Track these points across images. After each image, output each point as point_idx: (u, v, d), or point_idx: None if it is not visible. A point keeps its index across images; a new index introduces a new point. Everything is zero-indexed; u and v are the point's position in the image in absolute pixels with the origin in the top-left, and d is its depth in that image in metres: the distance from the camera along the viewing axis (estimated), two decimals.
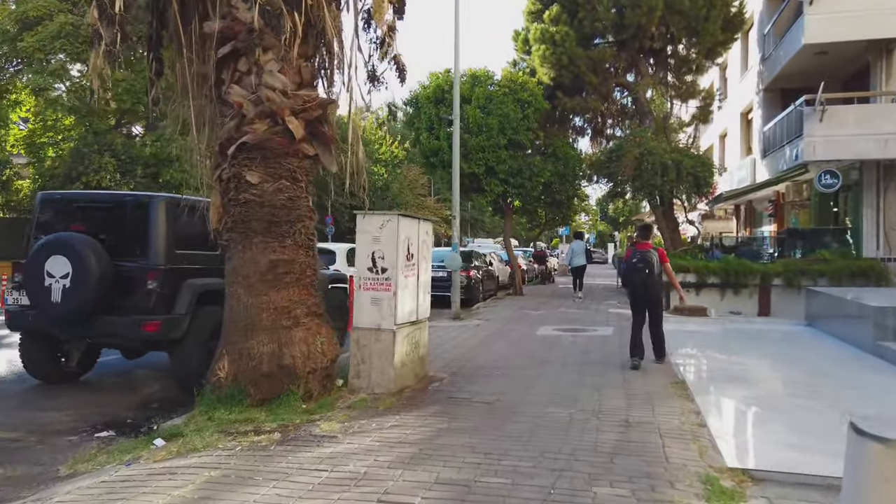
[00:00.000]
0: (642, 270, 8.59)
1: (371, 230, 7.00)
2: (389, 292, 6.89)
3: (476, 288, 18.60)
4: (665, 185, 19.25)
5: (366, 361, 6.92)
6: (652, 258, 8.65)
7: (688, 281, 15.96)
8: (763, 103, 22.70)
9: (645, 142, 19.31)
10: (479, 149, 18.15)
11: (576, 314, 15.35)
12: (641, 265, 8.60)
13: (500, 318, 14.50)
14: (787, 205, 23.88)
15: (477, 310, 16.52)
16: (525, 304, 18.05)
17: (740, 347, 10.47)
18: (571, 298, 19.78)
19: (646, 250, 8.74)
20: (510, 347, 10.17)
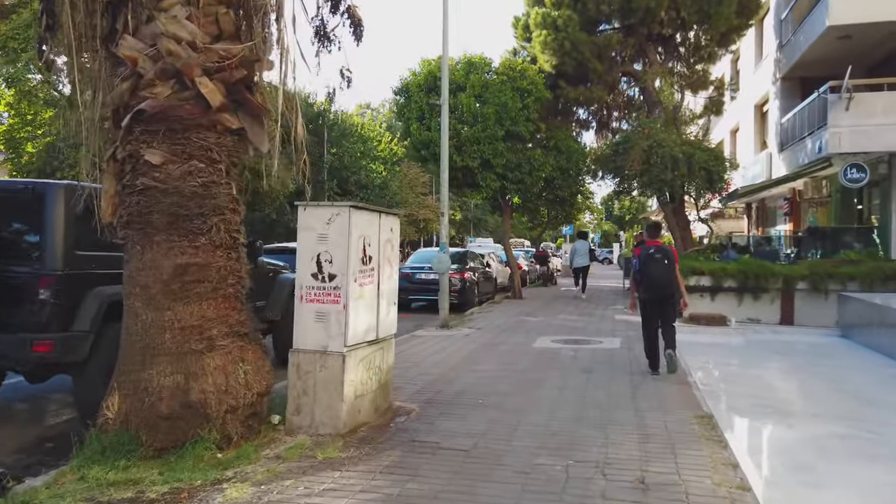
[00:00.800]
0: (661, 262, 7.87)
1: (316, 226, 5.48)
2: (338, 305, 5.37)
3: (471, 291, 17.07)
4: (675, 181, 17.68)
5: (308, 393, 5.41)
6: (669, 252, 8.11)
7: (702, 285, 14.42)
8: (780, 93, 21.09)
9: (654, 133, 17.75)
10: (474, 140, 16.61)
11: (578, 322, 13.80)
12: (660, 256, 7.91)
13: (494, 326, 12.96)
14: (803, 202, 22.27)
15: (470, 316, 14.99)
16: (523, 309, 16.50)
17: (770, 365, 8.91)
18: (574, 303, 18.25)
19: (660, 246, 8.15)
20: (501, 365, 8.63)
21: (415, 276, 16.75)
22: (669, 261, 7.97)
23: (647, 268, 7.97)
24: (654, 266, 7.91)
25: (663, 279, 7.94)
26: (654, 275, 7.91)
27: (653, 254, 7.98)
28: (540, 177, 18.08)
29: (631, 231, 53.20)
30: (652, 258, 7.95)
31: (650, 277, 7.95)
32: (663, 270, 7.91)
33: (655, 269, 7.90)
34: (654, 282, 7.96)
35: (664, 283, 7.97)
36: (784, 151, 20.43)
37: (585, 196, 24.77)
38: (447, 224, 12.57)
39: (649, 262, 7.96)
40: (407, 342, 10.61)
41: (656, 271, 7.90)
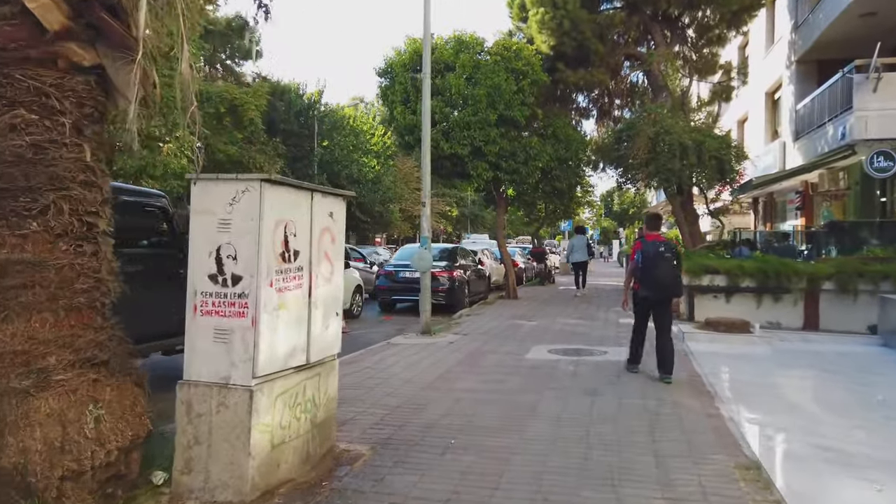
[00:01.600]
0: (671, 261, 7.16)
1: (214, 208, 3.90)
2: (244, 319, 3.79)
3: (460, 291, 15.48)
4: (684, 170, 16.07)
5: (202, 443, 3.82)
6: (676, 249, 7.43)
7: (717, 285, 12.86)
8: (796, 77, 19.50)
9: (661, 119, 16.14)
10: (464, 125, 15.00)
11: (579, 326, 12.22)
12: (670, 255, 7.18)
13: (484, 331, 11.38)
14: (817, 196, 20.70)
15: (458, 319, 13.40)
16: (518, 310, 14.91)
17: (812, 384, 7.35)
18: (573, 304, 16.67)
19: (662, 241, 7.44)
20: (485, 384, 7.04)
21: (399, 274, 15.17)
22: (678, 261, 7.31)
23: (655, 267, 7.17)
24: (664, 265, 7.14)
25: (672, 280, 7.23)
26: (663, 275, 7.16)
27: (662, 252, 7.18)
28: (536, 167, 16.48)
29: (631, 228, 51.58)
30: (661, 256, 7.15)
31: (657, 277, 7.18)
32: (673, 270, 7.20)
33: (665, 268, 7.15)
34: (662, 282, 7.19)
35: (672, 283, 7.27)
36: (800, 140, 18.86)
37: (585, 189, 23.17)
38: (429, 216, 10.98)
39: (658, 260, 7.14)
40: (378, 353, 9.02)
41: (665, 271, 7.15)
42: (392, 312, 15.60)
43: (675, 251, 7.36)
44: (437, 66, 15.54)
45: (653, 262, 7.17)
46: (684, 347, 9.39)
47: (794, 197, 22.24)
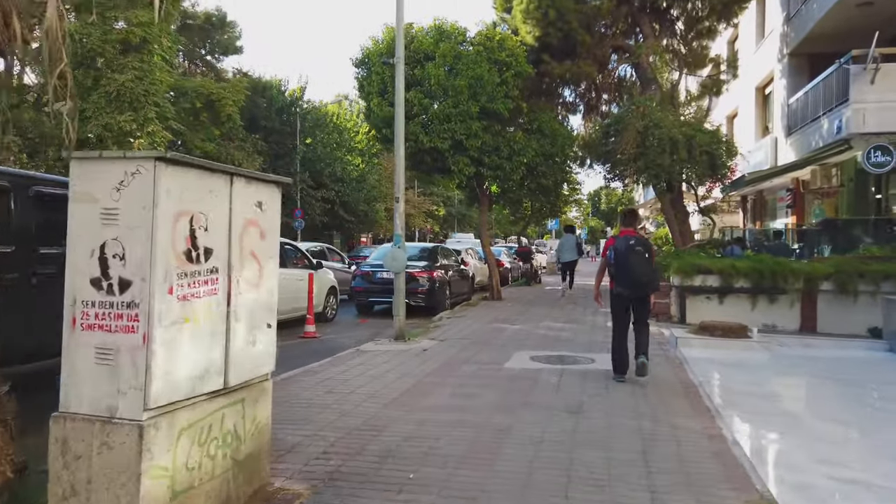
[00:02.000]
0: (642, 255, 6.99)
1: (98, 194, 3.08)
2: (134, 335, 2.97)
3: (441, 292, 14.68)
4: (674, 166, 15.36)
5: (79, 493, 3.00)
6: (649, 244, 7.26)
7: (709, 285, 12.15)
8: (788, 71, 18.86)
9: (650, 112, 15.42)
10: (444, 118, 14.20)
11: (564, 330, 11.46)
12: (642, 248, 7.03)
13: (463, 336, 10.58)
14: (808, 193, 20.09)
15: (437, 322, 12.61)
16: (501, 312, 14.13)
17: (822, 397, 6.63)
18: (559, 305, 15.93)
19: (638, 236, 7.27)
20: (457, 399, 6.24)
21: (376, 274, 14.34)
22: (650, 254, 7.12)
23: (628, 261, 6.98)
24: (636, 259, 6.95)
25: (646, 275, 7.04)
26: (636, 269, 6.96)
27: (633, 245, 7.01)
28: (521, 162, 15.72)
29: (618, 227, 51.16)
30: (632, 250, 6.98)
31: (630, 272, 6.99)
32: (646, 265, 7.01)
33: (637, 262, 6.95)
34: (636, 278, 6.99)
35: (647, 279, 7.07)
36: (793, 135, 18.21)
37: (572, 186, 22.43)
38: (402, 212, 10.15)
39: (630, 254, 6.98)
40: (344, 362, 8.19)
41: (638, 265, 6.95)
42: (369, 315, 14.78)
43: (646, 244, 7.16)
44: (417, 55, 14.75)
45: (625, 256, 6.99)
46: (678, 354, 8.65)
47: (785, 195, 21.64)
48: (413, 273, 14.15)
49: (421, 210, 53.54)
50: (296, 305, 11.90)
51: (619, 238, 7.30)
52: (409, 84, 14.60)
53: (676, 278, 12.33)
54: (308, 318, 11.42)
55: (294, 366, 7.88)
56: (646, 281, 7.07)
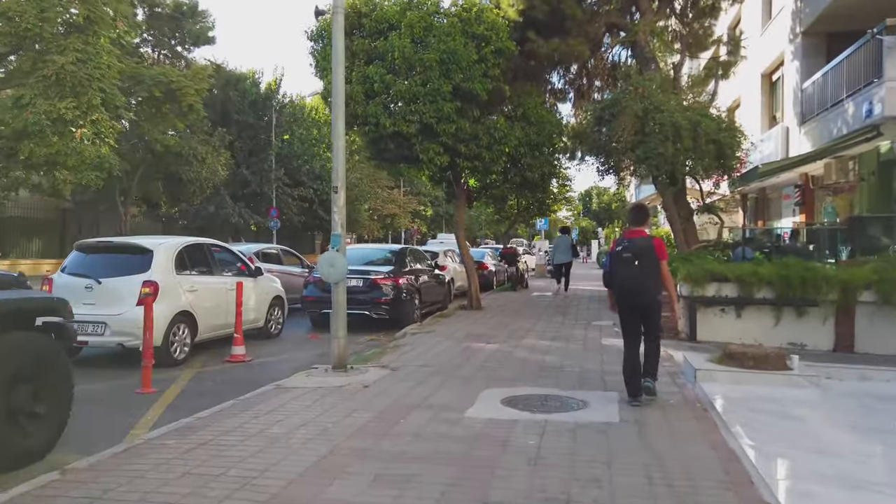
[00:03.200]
0: (630, 263, 6.00)
1: None
2: None
3: (408, 303, 12.45)
4: (678, 156, 13.19)
5: None
6: (645, 247, 6.03)
7: (724, 296, 10.04)
8: (802, 52, 16.76)
9: (650, 94, 13.26)
10: (410, 97, 11.99)
11: (550, 350, 9.27)
12: (629, 255, 6.02)
13: (423, 362, 8.37)
14: (819, 190, 18.02)
15: (399, 340, 10.41)
16: (478, 325, 11.94)
17: None
18: (546, 315, 13.75)
19: (637, 237, 6.16)
20: (381, 488, 4.02)
21: None
22: (646, 259, 5.98)
23: (615, 273, 6.19)
24: (623, 270, 6.07)
25: (635, 285, 6.02)
26: (624, 280, 6.09)
27: (620, 252, 6.13)
28: (503, 151, 13.54)
29: (611, 227, 48.91)
30: (619, 258, 6.12)
31: (619, 282, 6.16)
32: (635, 273, 5.99)
33: (625, 273, 6.05)
34: (625, 288, 6.12)
35: (636, 288, 6.04)
36: (808, 123, 16.12)
37: (562, 182, 20.26)
38: (343, 206, 7.89)
39: (616, 264, 6.16)
40: (249, 408, 5.96)
41: (626, 276, 6.05)
42: (325, 329, 12.54)
43: (639, 249, 6.03)
44: (380, 25, 12.56)
45: (612, 265, 6.24)
46: (699, 394, 6.48)
47: (793, 192, 19.56)
48: (375, 280, 11.95)
49: (407, 210, 51.30)
50: (228, 321, 9.74)
51: (619, 239, 6.44)
52: (370, 58, 12.43)
53: (685, 287, 10.18)
54: (235, 336, 9.19)
55: (185, 410, 5.72)
56: (633, 290, 6.03)
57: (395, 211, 47.33)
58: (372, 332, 12.06)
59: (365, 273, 12.02)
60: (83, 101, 18.92)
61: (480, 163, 13.47)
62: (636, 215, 6.58)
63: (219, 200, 32.07)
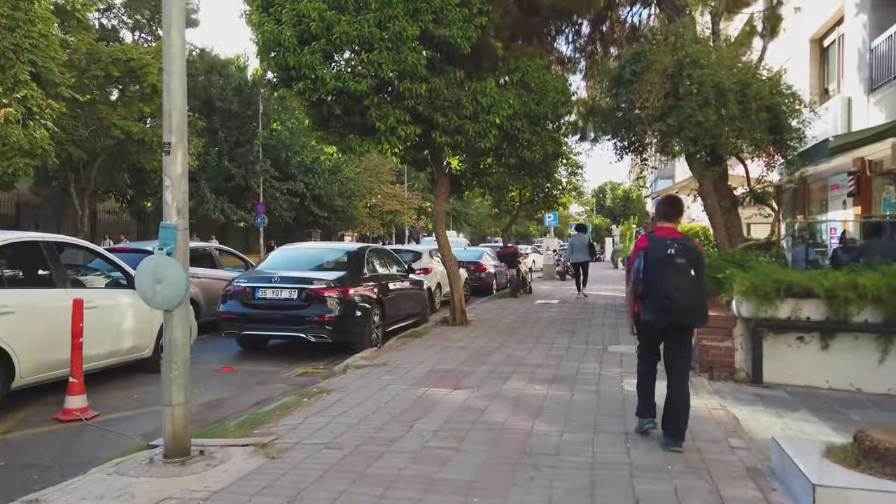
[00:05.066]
0: (685, 272, 4.48)
1: None
2: None
3: (362, 319, 9.18)
4: (721, 126, 9.86)
5: None
6: (699, 253, 4.62)
7: (804, 318, 6.77)
8: (871, 3, 13.27)
9: (684, 44, 9.94)
10: (361, 43, 8.75)
11: (546, 406, 5.98)
12: (684, 262, 4.49)
13: (331, 438, 5.11)
14: (879, 177, 14.55)
15: (331, 380, 7.20)
16: (451, 355, 8.67)
17: None
18: (548, 334, 10.45)
19: (684, 238, 4.73)
20: None
21: (257, 292, 8.87)
22: (699, 267, 4.52)
23: (666, 278, 4.47)
24: (678, 278, 4.45)
25: (689, 302, 4.48)
26: (674, 292, 4.45)
27: (673, 255, 4.48)
28: (492, 123, 10.25)
29: (627, 223, 45.28)
30: (671, 263, 4.47)
31: (666, 294, 4.48)
32: (690, 286, 4.46)
33: (676, 281, 4.45)
34: (674, 303, 4.47)
35: (690, 306, 4.50)
36: (881, 90, 12.66)
37: (571, 169, 16.96)
38: (181, 176, 4.59)
39: (667, 268, 4.48)
40: None
41: (678, 286, 4.45)
42: (249, 355, 9.37)
43: (692, 253, 4.55)
44: None
45: (660, 271, 4.52)
46: None
47: (846, 180, 16.05)
48: (315, 291, 8.72)
49: (410, 206, 48.09)
50: (103, 350, 6.74)
51: (653, 239, 4.77)
52: None
53: (747, 306, 6.87)
54: (71, 381, 6.01)
55: None
56: (686, 306, 4.49)
57: (396, 207, 44.12)
58: (314, 358, 8.88)
59: (302, 281, 8.80)
60: (7, 76, 15.90)
61: (463, 137, 10.20)
62: (669, 208, 4.98)
63: (199, 194, 29.05)
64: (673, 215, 4.91)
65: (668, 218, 4.89)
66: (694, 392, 6.42)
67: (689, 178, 16.52)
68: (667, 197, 5.36)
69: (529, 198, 18.10)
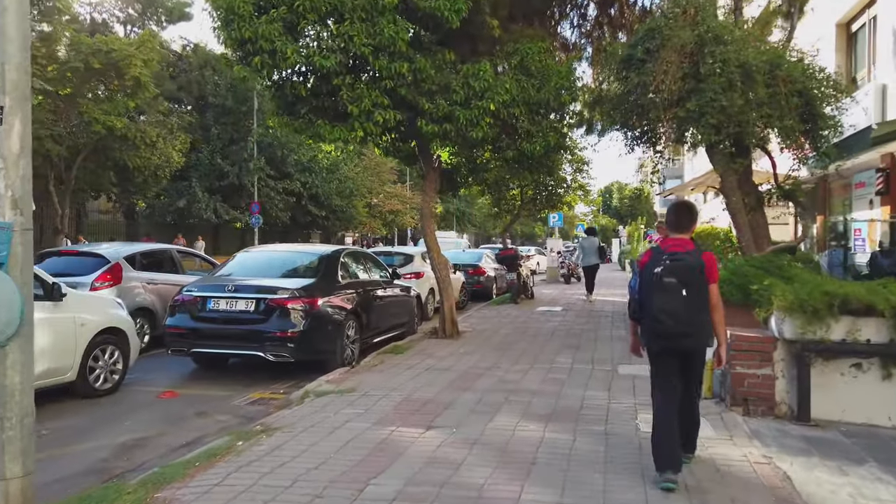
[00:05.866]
0: (675, 291, 4.02)
1: None
2: None
3: (331, 336, 7.87)
4: (747, 112, 8.54)
5: None
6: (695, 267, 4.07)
7: (862, 339, 5.41)
8: None
9: (705, 18, 8.61)
10: (329, 11, 7.46)
11: (537, 461, 4.66)
12: (673, 281, 4.03)
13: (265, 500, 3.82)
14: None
15: (284, 412, 5.91)
16: (433, 379, 7.36)
17: None
18: (548, 349, 9.13)
19: (682, 252, 4.13)
20: None
21: (207, 303, 7.59)
22: (696, 285, 4.03)
23: (651, 299, 4.09)
24: (663, 297, 4.02)
25: (679, 324, 4.00)
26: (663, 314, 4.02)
27: (660, 275, 4.03)
28: (486, 110, 8.95)
29: (635, 224, 43.81)
30: (657, 282, 4.05)
31: (655, 318, 4.06)
32: (680, 306, 3.98)
33: (664, 302, 4.02)
34: (663, 327, 4.04)
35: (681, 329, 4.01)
36: None
37: (576, 165, 15.62)
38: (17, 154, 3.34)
39: (652, 287, 4.09)
40: None
41: (666, 307, 4.01)
42: (209, 373, 8.11)
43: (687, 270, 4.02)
44: None
45: (648, 291, 4.15)
46: None
47: (874, 177, 14.66)
48: (276, 302, 7.43)
49: (411, 206, 46.76)
50: None
51: (655, 252, 4.28)
52: None
53: (789, 323, 5.54)
54: None
55: None
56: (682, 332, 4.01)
57: (399, 207, 42.81)
58: (277, 379, 7.63)
59: (261, 290, 7.52)
60: None
61: (453, 126, 8.90)
62: (680, 216, 4.36)
63: (191, 193, 27.87)
64: (683, 225, 4.32)
65: (678, 228, 4.31)
66: (727, 433, 5.12)
67: (703, 174, 15.18)
68: (676, 204, 4.58)
69: (531, 196, 16.78)
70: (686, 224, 4.34)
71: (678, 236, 4.29)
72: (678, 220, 4.34)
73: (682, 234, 4.30)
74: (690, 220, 4.38)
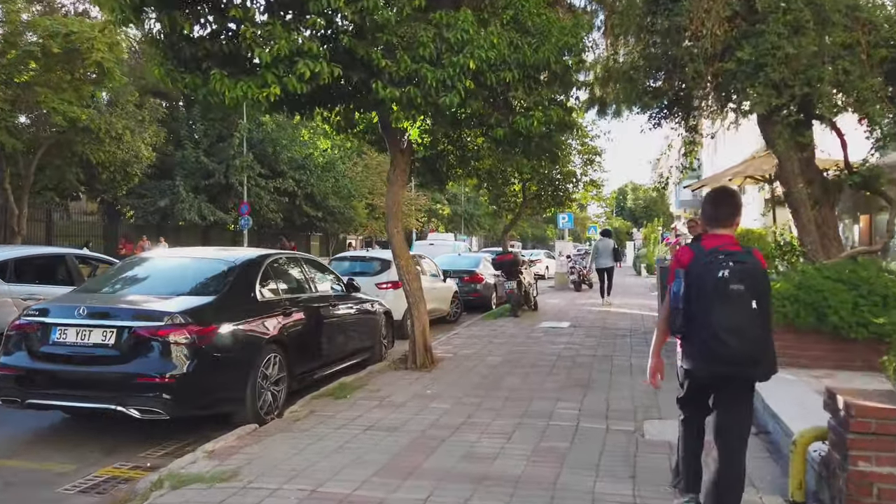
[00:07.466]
0: (745, 302, 2.97)
1: None
2: None
3: (238, 377, 5.50)
4: (820, 67, 6.11)
5: None
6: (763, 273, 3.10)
7: None
8: None
9: None
10: None
11: None
12: (740, 287, 2.98)
13: None
14: None
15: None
16: (378, 442, 5.00)
17: None
18: (548, 386, 6.69)
19: (743, 252, 3.16)
20: None
21: (52, 333, 5.23)
22: (766, 295, 3.06)
23: (715, 312, 2.99)
24: (734, 312, 2.97)
25: (754, 344, 2.99)
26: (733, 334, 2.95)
27: (726, 280, 2.98)
28: (463, 67, 6.57)
29: (651, 226, 41.10)
30: (724, 291, 2.98)
31: (719, 337, 2.97)
32: (752, 322, 2.98)
33: (737, 318, 2.97)
34: (730, 349, 2.97)
35: (753, 352, 3.01)
36: None
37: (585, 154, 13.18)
38: None
39: (718, 298, 2.99)
40: None
41: (739, 324, 2.97)
42: (67, 427, 5.77)
43: (757, 277, 3.03)
44: None
45: (707, 301, 3.02)
46: None
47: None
48: (144, 332, 5.05)
49: (418, 209, 44.42)
50: None
51: (699, 252, 3.19)
52: None
53: None
54: None
55: None
56: (749, 356, 2.99)
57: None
58: (161, 437, 5.27)
59: (126, 316, 5.16)
60: None
61: (419, 90, 6.52)
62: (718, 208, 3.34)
63: (174, 192, 25.74)
64: (726, 217, 3.29)
65: (719, 222, 3.29)
66: None
67: (742, 162, 12.65)
68: (715, 192, 3.55)
69: (535, 192, 14.35)
70: (727, 216, 3.32)
71: (721, 232, 3.29)
72: (717, 213, 3.33)
73: (725, 229, 3.30)
74: (733, 210, 3.34)
